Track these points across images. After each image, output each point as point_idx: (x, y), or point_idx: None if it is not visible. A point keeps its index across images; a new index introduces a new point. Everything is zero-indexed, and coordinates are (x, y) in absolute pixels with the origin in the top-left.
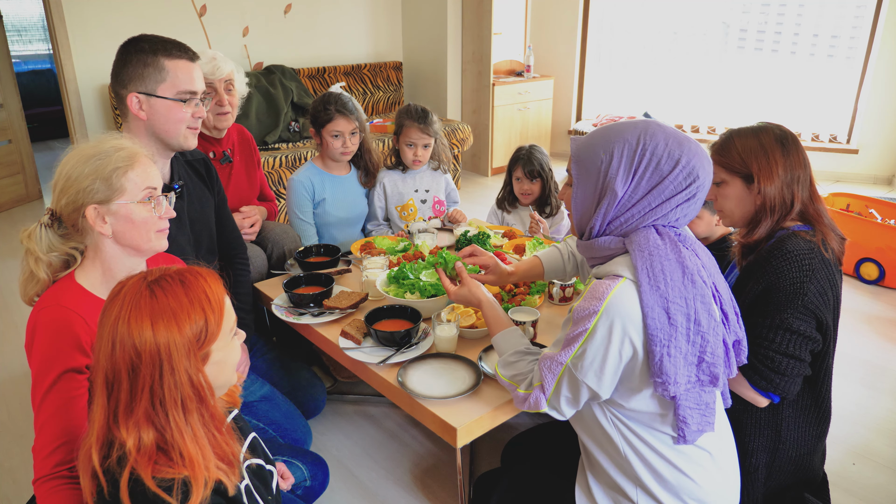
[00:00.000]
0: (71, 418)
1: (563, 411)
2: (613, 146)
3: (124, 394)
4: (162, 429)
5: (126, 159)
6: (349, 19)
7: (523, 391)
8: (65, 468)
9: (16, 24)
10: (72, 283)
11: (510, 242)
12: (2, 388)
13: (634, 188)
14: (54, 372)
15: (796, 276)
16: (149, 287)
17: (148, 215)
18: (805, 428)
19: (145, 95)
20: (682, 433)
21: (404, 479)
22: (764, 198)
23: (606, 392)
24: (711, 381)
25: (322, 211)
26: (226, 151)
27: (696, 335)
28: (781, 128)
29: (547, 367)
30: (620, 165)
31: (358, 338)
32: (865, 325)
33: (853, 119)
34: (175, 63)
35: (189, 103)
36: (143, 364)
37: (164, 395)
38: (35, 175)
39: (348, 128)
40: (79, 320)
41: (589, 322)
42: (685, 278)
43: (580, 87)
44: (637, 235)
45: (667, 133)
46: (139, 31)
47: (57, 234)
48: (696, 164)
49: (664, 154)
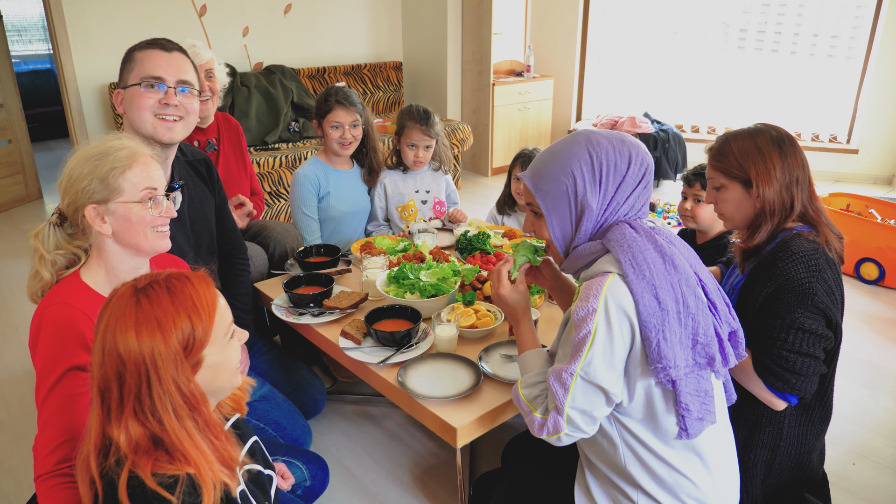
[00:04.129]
0: (74, 416)
1: (582, 428)
2: (571, 167)
3: (115, 402)
4: (157, 431)
5: (125, 159)
6: (349, 19)
7: (540, 415)
8: (66, 466)
9: (16, 24)
10: (77, 282)
11: (510, 242)
12: (2, 388)
13: (604, 196)
14: (59, 369)
15: (804, 276)
16: (135, 295)
17: (145, 214)
18: (807, 426)
19: (122, 89)
20: (685, 424)
21: (404, 479)
22: (763, 201)
23: (619, 388)
24: (709, 363)
25: (326, 205)
26: (210, 140)
27: (686, 318)
28: (778, 129)
29: (557, 381)
30: (585, 181)
31: (358, 338)
32: (865, 325)
33: (853, 119)
34: (145, 52)
35: (155, 89)
36: (127, 372)
37: (153, 404)
38: (35, 175)
39: (348, 119)
40: (84, 318)
41: (591, 322)
42: (667, 264)
43: (580, 87)
44: (613, 233)
45: (607, 137)
46: (139, 31)
47: (64, 233)
48: (643, 155)
49: (616, 156)
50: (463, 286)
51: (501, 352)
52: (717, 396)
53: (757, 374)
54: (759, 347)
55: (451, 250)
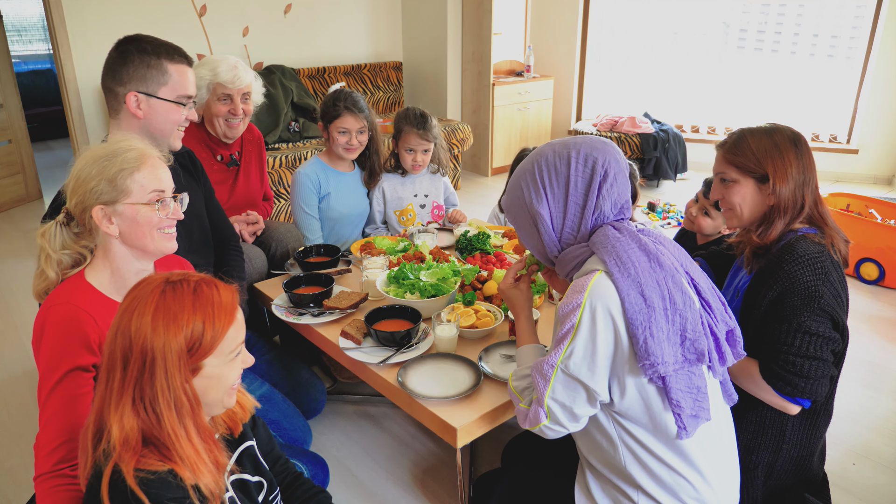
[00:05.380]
0: (75, 416)
1: (562, 423)
2: (520, 181)
3: (117, 383)
4: (153, 425)
5: (134, 161)
6: (349, 19)
7: (524, 406)
8: (66, 466)
9: (16, 24)
10: (81, 282)
11: (510, 242)
12: (2, 388)
13: (552, 200)
14: (62, 369)
15: (810, 279)
16: (163, 285)
17: (153, 216)
18: (810, 429)
19: (145, 95)
20: (680, 421)
21: (404, 479)
22: (778, 198)
23: (602, 387)
24: (698, 358)
25: (326, 206)
26: (233, 154)
27: (673, 314)
28: (792, 129)
29: (538, 373)
30: (530, 190)
31: (358, 338)
32: (865, 325)
33: (853, 119)
34: (177, 67)
35: (186, 107)
36: (132, 357)
37: (154, 395)
38: (35, 175)
39: (356, 126)
40: (88, 318)
41: (574, 316)
42: (651, 262)
43: (580, 87)
44: (597, 236)
45: (553, 144)
46: (139, 30)
47: (71, 232)
48: (586, 151)
49: (554, 159)
50: (463, 286)
51: (501, 352)
52: (713, 395)
53: (766, 381)
54: (766, 353)
55: (451, 250)
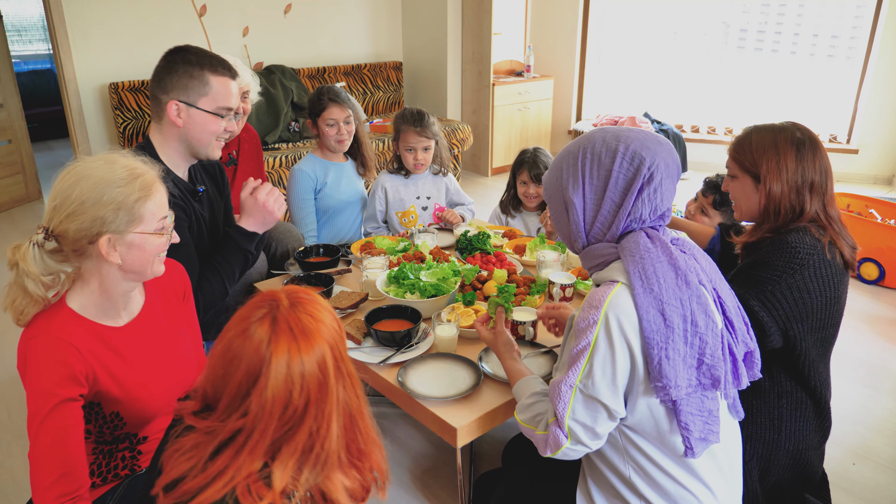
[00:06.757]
0: (69, 448)
1: (585, 442)
2: (562, 162)
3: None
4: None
5: (144, 188)
6: (349, 19)
7: (541, 432)
8: (67, 499)
9: (16, 24)
10: (62, 308)
11: (510, 242)
12: (2, 388)
13: (589, 191)
14: (49, 404)
15: (780, 264)
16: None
17: (161, 244)
18: (803, 422)
19: (185, 105)
20: (688, 442)
21: (404, 479)
22: (769, 199)
23: (621, 405)
24: (713, 385)
25: (322, 196)
26: (231, 154)
27: (693, 336)
28: (804, 131)
29: (556, 395)
30: (569, 175)
31: (358, 338)
32: (865, 325)
33: (853, 119)
34: (219, 79)
35: (225, 118)
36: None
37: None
38: (35, 175)
39: (342, 115)
40: (71, 350)
41: (591, 333)
42: (678, 279)
43: (580, 87)
44: (627, 241)
45: (606, 131)
46: (139, 30)
47: (49, 254)
48: (636, 148)
49: (602, 149)
50: (463, 286)
51: None
52: (724, 416)
53: None
54: None
55: (451, 250)
